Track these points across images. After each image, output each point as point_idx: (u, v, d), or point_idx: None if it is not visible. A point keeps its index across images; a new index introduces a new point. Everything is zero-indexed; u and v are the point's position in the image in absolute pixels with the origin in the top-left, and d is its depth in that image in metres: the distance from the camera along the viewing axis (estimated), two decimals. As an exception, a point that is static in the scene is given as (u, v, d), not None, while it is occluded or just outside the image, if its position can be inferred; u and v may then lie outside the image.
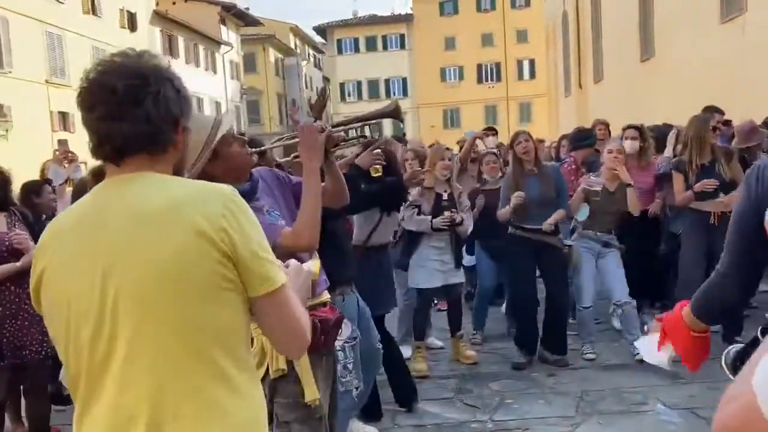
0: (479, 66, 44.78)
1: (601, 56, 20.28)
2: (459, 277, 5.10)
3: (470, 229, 5.02)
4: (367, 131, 3.20)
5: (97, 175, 4.17)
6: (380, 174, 3.83)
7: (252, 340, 1.60)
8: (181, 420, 1.25)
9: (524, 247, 4.96)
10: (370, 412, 4.03)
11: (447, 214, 4.77)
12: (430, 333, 5.60)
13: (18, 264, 3.46)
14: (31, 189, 4.49)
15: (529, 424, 4.01)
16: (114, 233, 1.28)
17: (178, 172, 1.41)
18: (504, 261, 5.33)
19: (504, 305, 6.03)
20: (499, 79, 44.64)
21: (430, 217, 4.80)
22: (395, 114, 2.74)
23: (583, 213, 4.96)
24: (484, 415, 4.21)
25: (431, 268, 4.90)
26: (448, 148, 5.52)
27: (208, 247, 1.25)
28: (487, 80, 44.81)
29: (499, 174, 5.64)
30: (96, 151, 1.34)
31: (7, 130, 18.67)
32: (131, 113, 1.29)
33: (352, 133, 2.81)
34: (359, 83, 46.05)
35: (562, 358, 4.99)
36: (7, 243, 3.48)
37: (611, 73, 19.17)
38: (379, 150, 3.81)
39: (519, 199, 4.78)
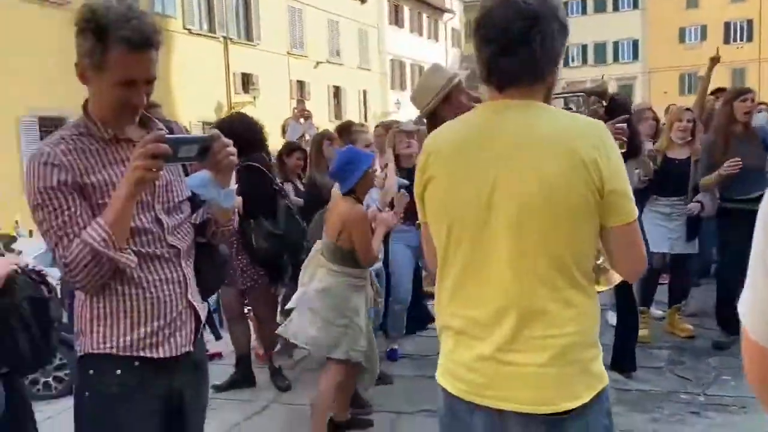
0: (726, 24, 39.90)
1: None
2: (687, 248, 4.78)
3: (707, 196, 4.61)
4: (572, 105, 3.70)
5: (341, 131, 4.62)
6: (624, 150, 3.51)
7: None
8: (546, 314, 1.47)
9: (738, 219, 4.44)
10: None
11: (651, 167, 4.47)
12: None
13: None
14: (285, 150, 5.19)
15: (747, 402, 3.69)
16: (501, 152, 1.47)
17: (549, 93, 1.58)
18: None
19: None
20: (750, 38, 39.42)
21: (636, 174, 4.52)
22: (601, 95, 3.14)
23: None
24: (696, 388, 3.97)
25: (656, 233, 4.67)
26: (688, 109, 5.03)
27: (584, 175, 1.40)
28: (735, 40, 39.84)
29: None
30: (486, 80, 1.54)
31: (254, 98, 21.05)
32: (520, 51, 1.45)
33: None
34: (584, 47, 43.70)
35: None
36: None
37: None
38: (622, 124, 3.35)
39: (733, 168, 4.34)
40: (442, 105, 2.91)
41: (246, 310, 4.59)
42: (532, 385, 1.48)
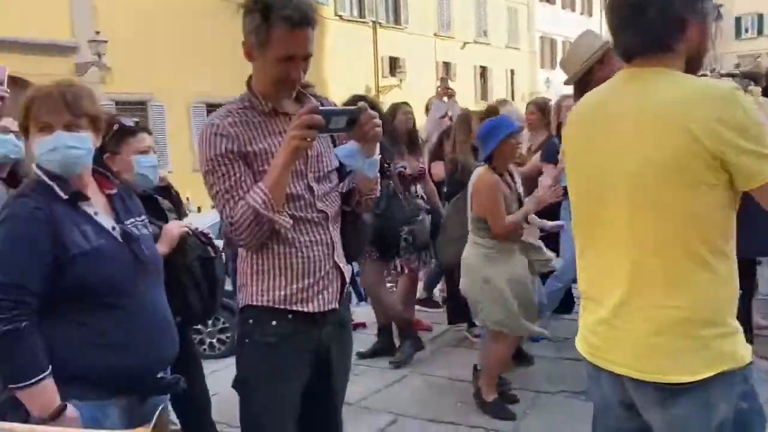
0: None
1: None
2: None
3: None
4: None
5: (484, 116, 4.67)
6: None
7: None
8: (655, 287, 1.46)
9: None
10: None
11: None
12: None
13: None
14: (445, 132, 5.35)
15: None
16: (618, 122, 1.50)
17: (693, 62, 1.56)
18: None
19: None
20: None
21: None
22: (755, 79, 3.07)
23: None
24: None
25: None
26: None
27: (699, 150, 1.36)
28: None
29: None
30: (614, 50, 1.61)
31: (401, 80, 21.42)
32: (634, 26, 1.51)
33: None
34: (761, 16, 39.51)
35: None
36: None
37: None
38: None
39: None
40: (597, 67, 2.91)
41: (388, 285, 4.76)
42: (639, 353, 1.49)
